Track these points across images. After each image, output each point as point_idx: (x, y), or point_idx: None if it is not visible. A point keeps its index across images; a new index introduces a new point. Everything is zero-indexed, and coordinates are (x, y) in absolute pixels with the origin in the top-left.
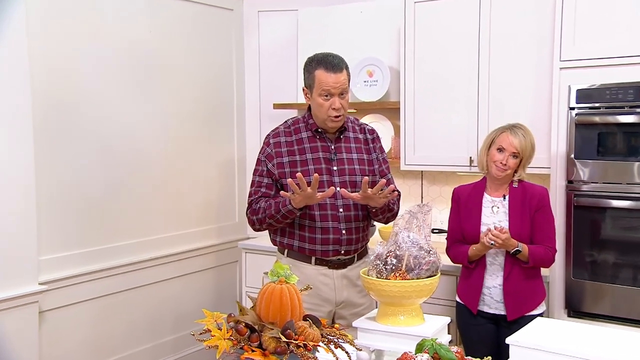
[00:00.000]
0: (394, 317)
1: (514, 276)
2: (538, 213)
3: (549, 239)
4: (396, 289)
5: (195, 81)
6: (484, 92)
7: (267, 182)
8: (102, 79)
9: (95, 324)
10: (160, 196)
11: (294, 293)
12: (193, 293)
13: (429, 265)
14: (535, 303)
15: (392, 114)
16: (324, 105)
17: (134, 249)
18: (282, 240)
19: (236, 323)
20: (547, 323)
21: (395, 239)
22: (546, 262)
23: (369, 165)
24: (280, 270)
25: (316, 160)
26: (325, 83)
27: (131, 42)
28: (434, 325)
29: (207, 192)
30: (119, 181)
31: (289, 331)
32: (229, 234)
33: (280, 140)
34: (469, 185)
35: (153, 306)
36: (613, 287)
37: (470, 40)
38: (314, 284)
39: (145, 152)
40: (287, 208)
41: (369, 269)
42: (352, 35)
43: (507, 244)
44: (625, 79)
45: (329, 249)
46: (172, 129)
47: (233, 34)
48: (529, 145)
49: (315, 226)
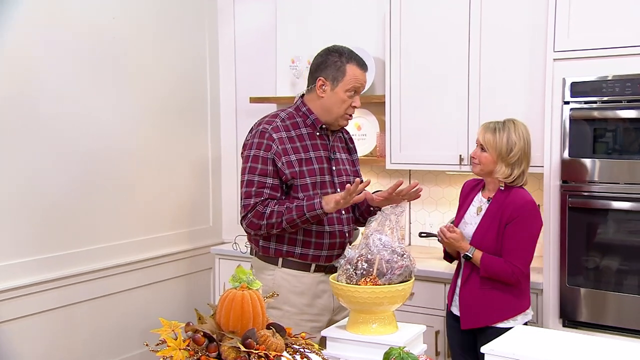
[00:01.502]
0: (365, 325)
1: (471, 283)
2: (510, 226)
3: (513, 255)
4: (366, 295)
5: (165, 73)
6: (474, 85)
7: (273, 182)
8: (61, 69)
9: (55, 338)
10: (127, 198)
11: (256, 300)
12: (163, 303)
13: (401, 269)
14: (498, 316)
15: (377, 109)
16: (346, 102)
17: (97, 256)
18: (280, 248)
19: (194, 332)
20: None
21: (367, 242)
22: (503, 278)
23: (352, 165)
24: (242, 275)
25: (319, 159)
26: (357, 80)
27: (93, 28)
28: (407, 334)
29: (179, 193)
30: (80, 182)
31: (250, 340)
32: (202, 238)
33: (282, 135)
34: (475, 180)
35: (119, 318)
36: (611, 295)
37: (460, 30)
38: (315, 293)
39: (110, 150)
40: (314, 212)
41: (339, 274)
42: (334, 24)
43: (455, 245)
44: (622, 71)
45: (334, 253)
46: (139, 125)
47: (206, 22)
48: (502, 141)
49: (323, 230)
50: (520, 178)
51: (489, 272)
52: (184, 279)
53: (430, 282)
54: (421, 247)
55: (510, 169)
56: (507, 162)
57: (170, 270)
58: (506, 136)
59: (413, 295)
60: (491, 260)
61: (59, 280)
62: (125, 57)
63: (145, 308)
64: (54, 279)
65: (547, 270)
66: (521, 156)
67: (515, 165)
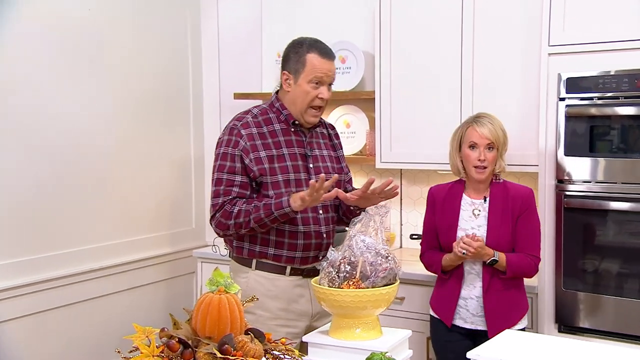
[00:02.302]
0: (348, 330)
1: (494, 287)
2: (521, 218)
3: (532, 246)
4: (349, 298)
5: (145, 68)
6: (467, 81)
7: (242, 180)
8: (33, 62)
9: (26, 347)
10: (104, 199)
11: (234, 304)
12: (142, 309)
13: (385, 272)
14: (517, 317)
15: (367, 105)
16: (310, 94)
17: (71, 260)
18: (253, 248)
19: (168, 338)
20: (514, 336)
21: (350, 243)
22: (527, 272)
23: (337, 162)
24: (220, 278)
25: (292, 156)
26: (319, 69)
27: (67, 20)
28: (391, 339)
29: (159, 193)
30: (53, 182)
31: (227, 346)
32: (184, 241)
33: (252, 131)
34: (446, 185)
35: (95, 325)
36: (608, 299)
37: (452, 23)
38: (290, 297)
39: (86, 149)
40: (282, 211)
41: (321, 277)
42: (322, 17)
43: (481, 253)
44: (620, 67)
45: (310, 255)
46: (116, 121)
47: (188, 15)
48: (499, 132)
49: (297, 230)
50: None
51: (516, 271)
52: (164, 283)
53: (421, 286)
54: (413, 249)
55: (503, 159)
56: (502, 153)
57: (150, 274)
58: (499, 127)
59: (403, 299)
60: (514, 259)
61: (30, 286)
62: (102, 51)
63: (124, 315)
64: (25, 284)
65: (542, 273)
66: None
67: (504, 154)
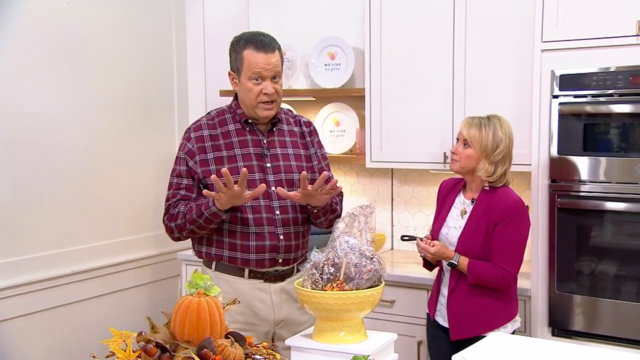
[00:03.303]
0: (331, 333)
1: (460, 291)
2: (498, 227)
3: (502, 258)
4: (332, 301)
5: (127, 64)
6: (459, 78)
7: (187, 183)
8: (8, 57)
9: (3, 353)
10: (85, 199)
11: (214, 307)
12: (124, 314)
13: (370, 273)
14: (489, 325)
15: (357, 103)
16: (253, 91)
17: (50, 262)
18: (209, 251)
19: (146, 342)
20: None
21: (333, 244)
22: (491, 283)
23: (307, 161)
24: (199, 280)
25: (246, 156)
26: (255, 64)
27: (46, 13)
28: (376, 343)
29: (142, 194)
30: (31, 182)
31: (206, 350)
32: (168, 243)
33: (203, 134)
34: (454, 180)
35: (75, 330)
36: (603, 302)
37: (444, 19)
38: (249, 300)
39: (65, 147)
40: (210, 210)
41: (304, 279)
42: (310, 12)
43: (442, 256)
44: (614, 63)
45: (265, 257)
46: (98, 120)
47: (172, 9)
48: (488, 137)
49: (248, 232)
50: (502, 177)
51: (478, 278)
52: (148, 287)
53: (412, 288)
54: (404, 251)
55: (493, 167)
56: (491, 160)
57: (132, 278)
58: (492, 132)
59: (394, 303)
60: (479, 266)
61: (5, 290)
62: (82, 46)
63: (104, 320)
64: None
65: (535, 276)
66: (505, 154)
67: (499, 163)
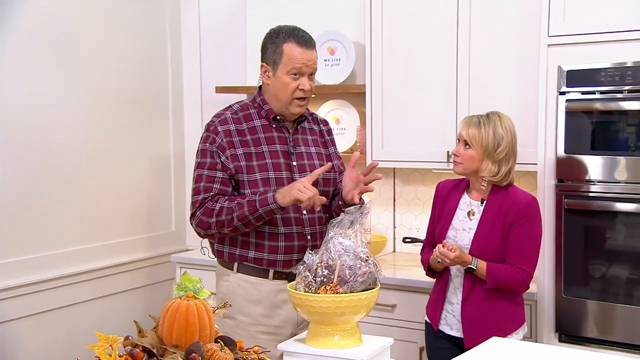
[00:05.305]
0: (325, 337)
1: (475, 296)
2: (515, 226)
3: (521, 259)
4: (326, 304)
5: (120, 59)
6: (463, 74)
7: (222, 177)
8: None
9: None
10: (76, 200)
11: (203, 311)
12: (117, 318)
13: (365, 276)
14: (504, 331)
15: (358, 100)
16: (290, 86)
17: (41, 265)
18: (233, 251)
19: (132, 347)
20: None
21: (327, 246)
22: (512, 286)
23: (328, 160)
24: (189, 283)
25: (274, 153)
26: (296, 59)
27: (35, 7)
28: (372, 347)
29: (136, 194)
30: (21, 182)
31: (194, 355)
32: (163, 245)
33: (230, 128)
34: (454, 181)
35: (66, 335)
36: (614, 307)
37: (448, 13)
38: (273, 302)
39: (57, 146)
40: (268, 207)
41: (297, 281)
42: (309, 4)
43: (459, 261)
44: (624, 59)
45: (293, 258)
46: (91, 118)
47: (167, 2)
48: (488, 136)
49: (277, 232)
50: (507, 176)
51: (498, 282)
52: (141, 290)
53: (414, 292)
54: (406, 253)
55: (497, 166)
56: (494, 159)
57: (126, 281)
58: (492, 130)
59: (395, 307)
60: (498, 270)
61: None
62: (74, 41)
63: (96, 324)
64: None
65: (542, 279)
66: (509, 152)
67: (503, 161)
